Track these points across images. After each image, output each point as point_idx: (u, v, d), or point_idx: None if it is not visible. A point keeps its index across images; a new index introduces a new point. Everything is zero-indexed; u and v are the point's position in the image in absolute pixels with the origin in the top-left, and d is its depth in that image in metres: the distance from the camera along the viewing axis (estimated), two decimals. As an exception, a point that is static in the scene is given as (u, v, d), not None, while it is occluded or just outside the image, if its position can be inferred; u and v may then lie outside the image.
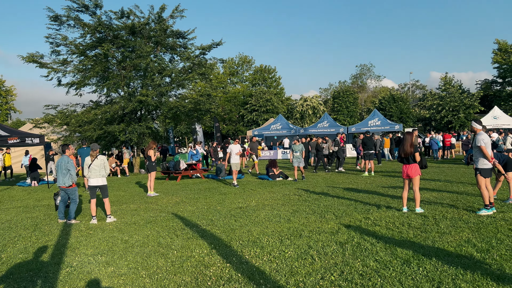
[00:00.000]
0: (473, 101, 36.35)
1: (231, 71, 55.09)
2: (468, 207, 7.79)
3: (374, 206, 8.35)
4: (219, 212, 8.49)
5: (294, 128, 28.93)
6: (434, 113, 37.94)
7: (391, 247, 5.31)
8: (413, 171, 7.62)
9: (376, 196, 9.78)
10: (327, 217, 7.45)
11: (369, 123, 27.42)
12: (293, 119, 45.84)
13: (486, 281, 4.00)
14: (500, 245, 5.21)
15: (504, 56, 40.23)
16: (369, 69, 62.62)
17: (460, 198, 8.94)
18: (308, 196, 10.16)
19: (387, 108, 41.13)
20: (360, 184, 12.34)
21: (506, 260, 4.59)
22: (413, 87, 63.80)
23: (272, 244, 5.77)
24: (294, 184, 12.86)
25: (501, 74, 41.36)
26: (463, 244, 5.32)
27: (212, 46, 21.51)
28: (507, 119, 26.09)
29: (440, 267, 4.46)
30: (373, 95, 59.10)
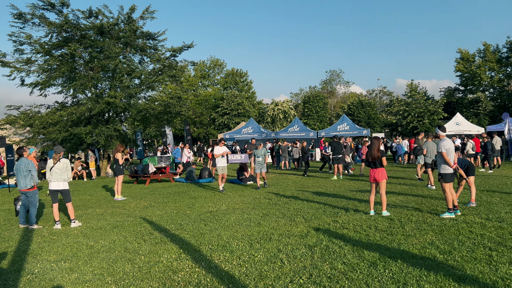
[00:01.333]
0: (437, 108, 37.69)
1: (203, 74, 54.79)
2: (432, 210, 8.05)
3: (343, 210, 8.48)
4: (189, 217, 8.39)
5: (266, 132, 29.06)
6: (401, 119, 39.06)
7: (358, 250, 5.40)
8: (380, 175, 7.80)
9: (344, 199, 9.95)
10: (296, 221, 7.50)
11: (338, 128, 27.91)
12: (264, 123, 46.06)
13: (448, 282, 4.13)
14: (461, 246, 5.40)
15: (466, 65, 42.02)
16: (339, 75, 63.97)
17: (424, 201, 9.22)
18: (278, 200, 10.21)
19: (355, 113, 42.03)
20: (329, 188, 12.53)
21: (467, 261, 4.77)
22: (381, 93, 65.56)
23: (242, 248, 5.75)
24: (265, 188, 12.89)
25: (463, 82, 43.16)
26: (427, 246, 5.49)
27: (183, 48, 21.34)
28: (469, 125, 27.21)
29: (405, 269, 4.57)
30: (342, 100, 60.27)
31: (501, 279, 4.16)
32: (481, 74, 40.68)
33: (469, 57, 42.21)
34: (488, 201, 8.97)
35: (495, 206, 8.32)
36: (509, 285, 4.00)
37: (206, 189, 13.31)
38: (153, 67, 21.68)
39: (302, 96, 59.50)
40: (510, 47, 40.04)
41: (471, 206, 8.35)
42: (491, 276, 4.25)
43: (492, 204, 8.57)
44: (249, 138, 29.29)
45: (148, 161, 16.74)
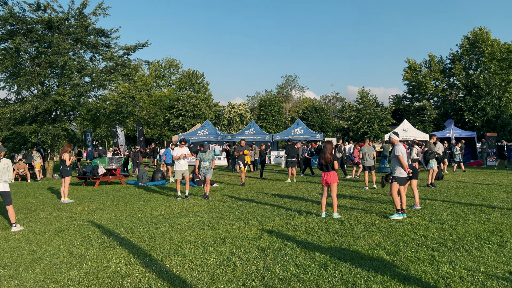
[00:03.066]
0: (386, 114, 39.36)
1: (157, 74, 53.68)
2: (380, 213, 8.37)
3: (296, 212, 8.61)
4: (140, 220, 8.15)
5: (222, 135, 28.96)
6: (352, 124, 40.38)
7: (310, 252, 5.50)
8: (331, 178, 8.00)
9: (297, 202, 10.11)
10: (250, 223, 7.51)
11: (292, 132, 28.38)
12: (220, 126, 45.89)
13: (394, 281, 4.30)
14: (406, 247, 5.65)
15: (413, 74, 44.26)
16: (294, 80, 65.05)
17: (373, 204, 9.57)
18: (233, 203, 10.19)
19: (309, 118, 42.94)
20: (283, 190, 12.68)
21: (411, 262, 4.99)
22: (333, 99, 67.42)
23: (194, 251, 5.66)
24: (220, 191, 12.82)
25: (410, 90, 45.40)
26: (375, 247, 5.69)
27: (137, 47, 20.79)
28: (415, 131, 28.66)
29: (354, 270, 4.71)
30: (297, 105, 61.38)
31: (442, 278, 4.39)
32: (427, 84, 43.00)
33: (416, 67, 44.49)
34: (431, 204, 9.47)
35: (437, 208, 8.80)
36: (449, 283, 4.22)
37: (159, 191, 13.02)
38: (105, 65, 20.92)
39: (258, 99, 59.92)
40: (452, 59, 42.67)
41: (415, 209, 8.77)
42: (433, 275, 4.48)
43: (434, 207, 9.06)
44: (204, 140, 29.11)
45: (98, 163, 16.11)
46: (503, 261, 4.97)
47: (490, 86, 35.28)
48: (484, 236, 6.23)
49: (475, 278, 4.36)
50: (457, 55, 42.25)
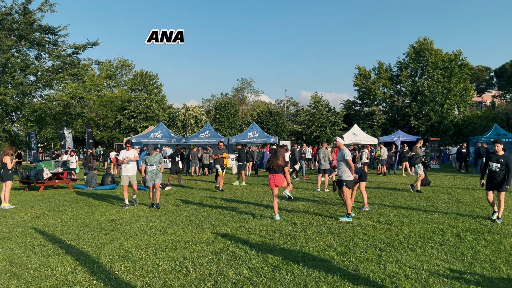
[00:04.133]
0: (337, 119, 40.55)
1: (108, 74, 51.90)
2: (331, 215, 8.59)
3: (250, 215, 8.63)
4: (88, 226, 7.82)
5: (175, 137, 28.49)
6: (305, 128, 41.22)
7: (263, 254, 5.53)
8: (280, 180, 8.10)
9: (252, 205, 10.14)
10: (204, 227, 7.44)
11: (248, 135, 28.49)
12: (174, 128, 45.13)
13: (344, 281, 4.43)
14: (356, 248, 5.84)
15: (363, 81, 45.99)
16: (250, 84, 65.32)
17: (325, 206, 9.81)
18: (186, 207, 10.03)
19: (264, 121, 43.33)
20: (238, 193, 12.68)
21: (360, 262, 5.16)
22: (288, 103, 68.53)
23: (145, 257, 5.51)
24: (173, 194, 12.59)
25: (361, 96, 47.12)
26: (326, 248, 5.83)
27: (87, 45, 20.02)
28: (364, 135, 29.76)
29: (306, 271, 4.79)
30: (252, 108, 61.72)
31: (389, 277, 4.57)
32: (376, 90, 44.83)
33: (366, 73, 46.26)
34: (379, 205, 9.86)
35: (385, 210, 9.17)
36: (395, 282, 4.41)
37: (109, 196, 12.56)
38: (52, 64, 19.93)
39: (214, 102, 59.62)
40: (400, 66, 44.80)
41: (365, 210, 9.09)
42: (380, 274, 4.66)
43: (382, 208, 9.44)
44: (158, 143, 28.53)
45: (43, 166, 15.28)
46: (444, 258, 5.27)
47: (433, 93, 37.38)
48: (427, 235, 6.57)
49: (418, 276, 4.58)
50: (404, 63, 44.41)
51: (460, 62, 41.83)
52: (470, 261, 5.15)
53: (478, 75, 65.90)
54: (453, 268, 4.88)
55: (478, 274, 4.63)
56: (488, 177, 7.95)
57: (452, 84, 40.69)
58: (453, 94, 40.62)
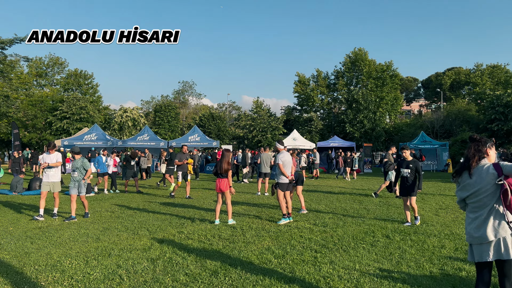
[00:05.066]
0: (278, 124, 41.36)
1: (39, 72, 48.58)
2: (270, 218, 8.71)
3: (189, 220, 8.50)
4: (11, 234, 7.23)
5: (112, 140, 27.34)
6: (247, 133, 41.56)
7: (201, 260, 5.46)
8: (225, 185, 8.10)
9: (191, 210, 10.00)
10: (140, 234, 7.19)
11: (189, 139, 28.11)
12: (110, 130, 43.28)
13: (280, 284, 4.50)
14: (293, 250, 5.97)
15: (303, 87, 47.41)
16: (191, 87, 64.55)
17: (264, 210, 9.93)
18: (122, 212, 9.64)
19: (206, 125, 43.03)
20: (177, 198, 12.44)
21: (296, 264, 5.28)
22: (230, 108, 68.73)
23: (75, 266, 5.21)
24: (108, 200, 12.05)
25: (300, 102, 48.53)
26: (264, 251, 5.89)
27: (14, 41, 18.63)
28: (303, 141, 30.67)
29: (243, 275, 4.81)
30: (194, 111, 61.03)
31: (323, 277, 4.72)
32: (314, 97, 46.41)
33: (305, 80, 47.75)
34: (316, 208, 10.18)
35: (321, 212, 9.49)
36: (329, 282, 4.56)
37: (37, 202, 11.72)
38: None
39: (153, 104, 58.08)
40: (336, 75, 46.80)
41: (302, 213, 9.33)
42: (315, 275, 4.79)
43: (319, 211, 9.75)
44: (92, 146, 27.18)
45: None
46: (375, 258, 5.55)
47: (367, 102, 39.44)
48: (359, 237, 6.88)
49: (351, 276, 4.78)
50: (340, 72, 46.46)
51: (392, 72, 44.65)
52: (398, 260, 5.47)
53: (407, 85, 70.75)
54: (382, 267, 5.15)
55: (405, 273, 4.93)
56: (401, 184, 8.14)
57: (384, 93, 43.25)
58: (385, 102, 43.20)
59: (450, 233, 7.15)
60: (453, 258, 5.55)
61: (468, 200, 3.34)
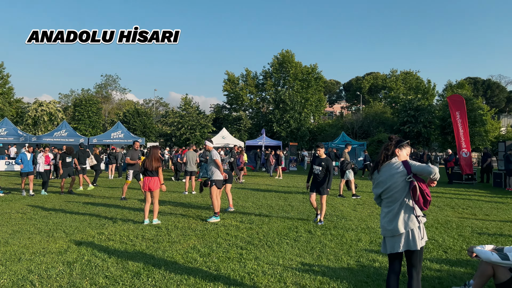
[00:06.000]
0: (207, 122, 41.10)
1: None
2: (197, 216, 8.63)
3: (110, 220, 8.11)
4: None
5: (24, 135, 25.15)
6: (175, 130, 40.74)
7: (123, 261, 5.25)
8: (154, 184, 7.86)
9: (113, 209, 9.55)
10: (55, 236, 6.71)
11: (112, 135, 26.82)
12: (23, 125, 39.78)
13: (205, 282, 4.48)
14: (219, 248, 5.98)
15: (232, 86, 47.64)
16: (115, 81, 61.62)
17: (191, 209, 9.82)
18: (35, 214, 8.91)
19: (131, 121, 41.37)
20: (98, 198, 11.81)
21: (222, 261, 5.29)
22: (157, 104, 66.81)
23: (-23, 274, 4.71)
24: (20, 200, 11.07)
25: (229, 101, 48.72)
26: (189, 250, 5.82)
27: None
28: (232, 139, 30.83)
29: (167, 275, 4.71)
30: (117, 107, 58.31)
31: (248, 274, 4.80)
32: (243, 96, 46.90)
33: (234, 79, 48.03)
34: (243, 205, 10.29)
35: (248, 210, 9.62)
36: (253, 278, 4.64)
37: None
38: None
39: (73, 98, 54.47)
40: (265, 75, 47.71)
41: (230, 211, 9.38)
42: (240, 272, 4.85)
43: (246, 208, 9.87)
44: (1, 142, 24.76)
45: None
46: (297, 253, 5.76)
47: (293, 102, 40.75)
48: (283, 232, 7.10)
49: (274, 271, 4.91)
50: (268, 72, 47.44)
51: (316, 75, 46.62)
52: (319, 254, 5.74)
53: (330, 88, 74.44)
54: (304, 261, 5.36)
55: (325, 266, 5.19)
56: (313, 180, 8.19)
57: (309, 94, 45.02)
58: (310, 103, 44.99)
59: (366, 227, 7.66)
60: (368, 250, 5.95)
61: (382, 196, 3.59)
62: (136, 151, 11.78)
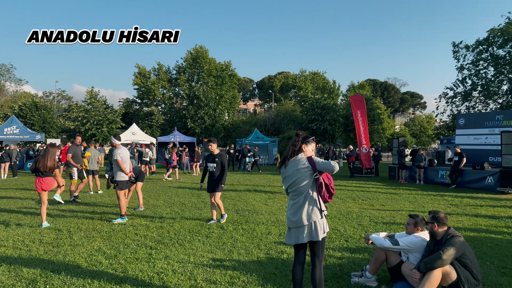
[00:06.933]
0: (116, 117, 39.04)
1: None
2: (103, 217, 8.16)
3: (2, 225, 7.30)
4: None
5: None
6: (79, 125, 38.06)
7: (16, 269, 4.76)
8: (48, 184, 7.25)
9: (5, 213, 8.61)
10: None
11: (5, 131, 24.15)
12: None
13: (111, 285, 4.26)
14: (126, 249, 5.72)
15: (143, 80, 45.81)
16: (9, 70, 55.54)
17: (97, 209, 9.25)
18: None
19: (28, 115, 37.64)
20: (-13, 200, 10.55)
21: (129, 263, 5.08)
22: (59, 97, 61.71)
23: None
24: None
25: (140, 95, 46.77)
26: (94, 253, 5.49)
27: None
28: (143, 135, 29.68)
29: (68, 281, 4.38)
30: (12, 100, 52.61)
31: (157, 273, 4.67)
32: (155, 90, 45.38)
33: (146, 73, 46.24)
34: (154, 204, 9.99)
35: (159, 208, 9.36)
36: (162, 278, 4.53)
37: None
38: None
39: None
40: (178, 70, 46.73)
41: (139, 210, 9.04)
42: (149, 272, 4.70)
43: (157, 206, 9.60)
44: None
45: None
46: (209, 249, 5.76)
47: (207, 98, 40.58)
48: (195, 229, 7.04)
49: (185, 269, 4.85)
50: (182, 67, 46.55)
51: (230, 72, 46.94)
52: (230, 249, 5.80)
53: (244, 85, 75.62)
54: (215, 257, 5.38)
55: (235, 260, 5.26)
56: (209, 179, 7.71)
57: (223, 91, 45.18)
58: (224, 100, 45.19)
59: (276, 220, 7.94)
60: (277, 243, 6.18)
61: (289, 189, 3.74)
62: (78, 147, 11.04)
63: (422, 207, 9.91)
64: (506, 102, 30.62)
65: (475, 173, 14.48)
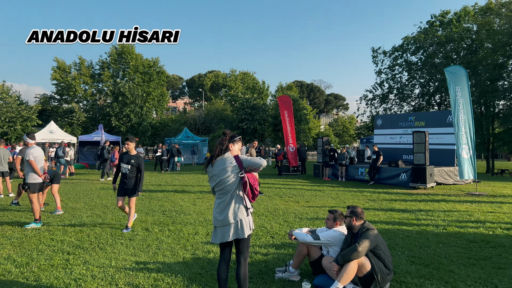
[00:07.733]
0: (31, 114, 36.07)
1: None
2: (14, 222, 7.51)
3: None
4: None
5: None
6: (-12, 123, 34.54)
7: None
8: None
9: None
10: None
11: None
12: None
13: (21, 296, 3.93)
14: (40, 256, 5.31)
15: (62, 75, 42.81)
16: None
17: (7, 213, 8.48)
18: None
19: None
20: None
21: (44, 270, 4.72)
22: (-36, 91, 55.46)
23: None
24: None
25: (59, 91, 43.65)
26: (2, 262, 5.02)
27: None
28: (62, 134, 27.75)
29: (-30, 294, 3.97)
30: None
31: (74, 280, 4.40)
32: (76, 86, 42.67)
33: (65, 67, 43.28)
34: (73, 207, 9.39)
35: (79, 211, 8.82)
36: (81, 284, 4.28)
37: None
38: None
39: None
40: (102, 65, 44.39)
41: (57, 214, 8.45)
42: (65, 279, 4.41)
43: (76, 209, 9.04)
44: None
45: None
46: (132, 253, 5.55)
47: (134, 96, 39.08)
48: (118, 233, 6.74)
49: (105, 274, 4.63)
50: (106, 62, 44.29)
51: (158, 69, 45.65)
52: (155, 251, 5.65)
53: (173, 83, 74.10)
54: (139, 260, 5.20)
55: (160, 262, 5.13)
56: (120, 182, 7.00)
57: (151, 88, 43.80)
58: (152, 98, 43.83)
59: (204, 220, 7.89)
60: (204, 243, 6.14)
61: (215, 188, 3.73)
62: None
63: (343, 203, 10.48)
64: (418, 105, 33.42)
65: (390, 170, 15.65)
